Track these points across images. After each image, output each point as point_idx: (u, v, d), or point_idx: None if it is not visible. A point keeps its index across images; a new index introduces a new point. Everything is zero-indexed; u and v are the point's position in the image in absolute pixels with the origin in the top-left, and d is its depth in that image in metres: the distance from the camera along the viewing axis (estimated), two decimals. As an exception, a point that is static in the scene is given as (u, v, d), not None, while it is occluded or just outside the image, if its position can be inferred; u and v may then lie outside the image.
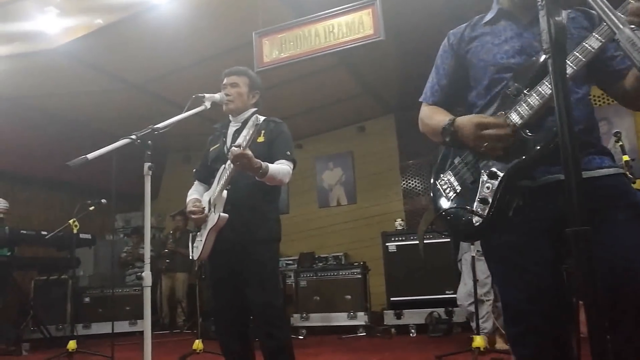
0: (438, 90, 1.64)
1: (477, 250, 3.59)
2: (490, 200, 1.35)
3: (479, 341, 3.41)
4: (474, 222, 1.37)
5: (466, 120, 1.42)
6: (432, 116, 1.59)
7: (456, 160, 1.49)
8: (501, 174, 1.34)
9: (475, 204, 1.37)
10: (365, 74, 6.17)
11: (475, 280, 3.53)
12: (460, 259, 4.15)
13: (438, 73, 1.65)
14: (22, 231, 5.33)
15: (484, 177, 1.38)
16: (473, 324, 3.75)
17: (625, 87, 1.39)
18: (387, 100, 7.14)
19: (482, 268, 3.63)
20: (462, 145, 1.45)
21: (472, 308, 3.68)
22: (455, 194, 1.45)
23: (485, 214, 1.34)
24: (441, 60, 1.65)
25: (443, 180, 1.50)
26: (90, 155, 1.68)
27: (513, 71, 1.41)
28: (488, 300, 3.81)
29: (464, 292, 3.95)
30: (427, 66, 1.72)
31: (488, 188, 1.36)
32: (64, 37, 4.63)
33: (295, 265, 6.46)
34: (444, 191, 1.48)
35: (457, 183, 1.46)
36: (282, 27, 4.08)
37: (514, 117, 1.34)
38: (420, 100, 1.69)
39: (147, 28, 4.69)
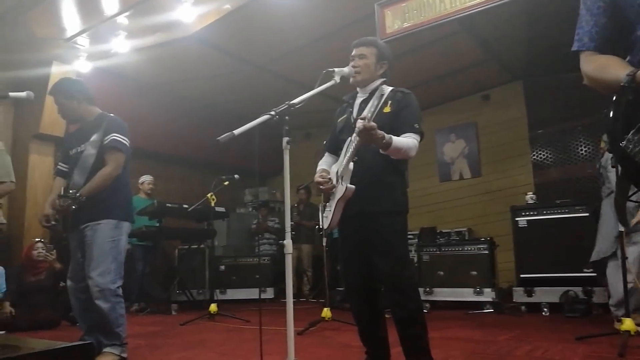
0: (599, 32, 1.38)
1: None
2: None
3: (628, 324, 3.09)
4: None
5: None
6: (602, 68, 1.32)
7: None
8: None
9: None
10: (489, 39, 5.80)
11: (624, 259, 3.21)
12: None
13: (592, 13, 1.39)
14: (167, 204, 5.88)
15: None
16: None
17: None
18: (514, 66, 6.66)
19: None
20: None
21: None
22: None
23: None
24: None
25: (630, 141, 1.24)
26: (236, 131, 1.78)
27: None
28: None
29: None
30: (558, 28, 1.52)
31: None
32: (197, 24, 4.99)
33: (416, 240, 6.39)
34: (636, 154, 1.23)
35: None
36: (405, -4, 3.96)
37: None
38: (575, 49, 1.42)
39: (268, 9, 4.86)
